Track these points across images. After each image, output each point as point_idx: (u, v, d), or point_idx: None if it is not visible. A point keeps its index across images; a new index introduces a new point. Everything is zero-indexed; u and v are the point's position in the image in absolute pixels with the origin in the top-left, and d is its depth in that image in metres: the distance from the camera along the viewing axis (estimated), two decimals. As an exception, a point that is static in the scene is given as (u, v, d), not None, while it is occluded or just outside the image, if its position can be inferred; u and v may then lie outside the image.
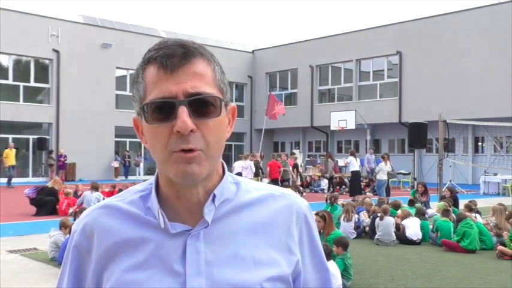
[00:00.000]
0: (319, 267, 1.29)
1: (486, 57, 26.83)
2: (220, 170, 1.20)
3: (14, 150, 25.25)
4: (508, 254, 8.92)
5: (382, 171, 19.48)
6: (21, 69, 29.12)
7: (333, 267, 6.47)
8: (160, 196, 1.18)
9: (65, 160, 27.54)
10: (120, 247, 1.15)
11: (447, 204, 11.61)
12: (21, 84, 28.83)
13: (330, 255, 6.52)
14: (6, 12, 27.82)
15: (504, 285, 7.18)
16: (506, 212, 10.68)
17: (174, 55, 1.09)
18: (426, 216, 11.67)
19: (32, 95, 29.46)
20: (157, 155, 1.11)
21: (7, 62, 28.48)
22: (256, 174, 19.56)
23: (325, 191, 22.92)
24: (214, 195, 1.15)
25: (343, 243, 6.93)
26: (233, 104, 1.21)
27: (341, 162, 25.11)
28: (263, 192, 1.24)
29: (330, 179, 23.04)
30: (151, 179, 1.22)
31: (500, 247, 9.15)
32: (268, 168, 20.95)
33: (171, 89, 1.07)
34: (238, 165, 19.51)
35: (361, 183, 21.56)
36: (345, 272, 6.81)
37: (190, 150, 1.07)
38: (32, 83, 29.28)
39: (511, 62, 26.16)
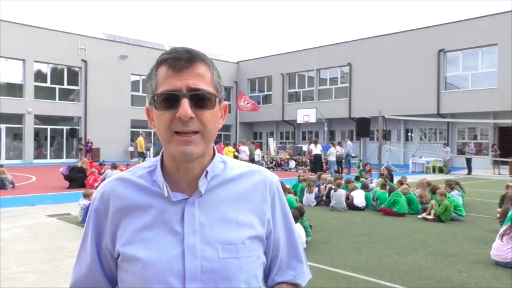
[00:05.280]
0: (288, 229, 1.26)
1: (414, 69, 27.07)
2: (212, 151, 1.18)
3: (141, 139, 23.42)
4: (433, 215, 9.04)
5: (332, 154, 19.57)
6: (57, 75, 28.56)
7: (299, 228, 6.50)
8: (164, 170, 1.16)
9: (92, 145, 27.23)
10: (131, 209, 1.13)
11: (384, 180, 11.73)
12: (57, 86, 28.33)
13: (297, 219, 6.53)
14: (46, 30, 27.55)
15: (426, 240, 7.30)
16: (430, 186, 10.81)
17: (181, 58, 1.07)
18: (369, 189, 11.80)
19: (65, 95, 28.91)
20: (162, 135, 1.09)
21: (46, 69, 27.93)
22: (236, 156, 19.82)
23: (293, 170, 22.92)
24: (207, 172, 1.13)
25: (299, 211, 6.98)
26: (226, 102, 1.19)
27: (305, 148, 25.14)
28: (244, 169, 1.22)
29: (339, 162, 20.20)
30: (157, 157, 1.20)
31: (432, 208, 9.17)
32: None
33: (177, 84, 1.06)
34: (242, 149, 20.96)
35: (322, 164, 21.59)
36: (304, 230, 6.85)
37: (187, 134, 1.05)
38: (65, 86, 28.71)
39: (431, 73, 26.47)
